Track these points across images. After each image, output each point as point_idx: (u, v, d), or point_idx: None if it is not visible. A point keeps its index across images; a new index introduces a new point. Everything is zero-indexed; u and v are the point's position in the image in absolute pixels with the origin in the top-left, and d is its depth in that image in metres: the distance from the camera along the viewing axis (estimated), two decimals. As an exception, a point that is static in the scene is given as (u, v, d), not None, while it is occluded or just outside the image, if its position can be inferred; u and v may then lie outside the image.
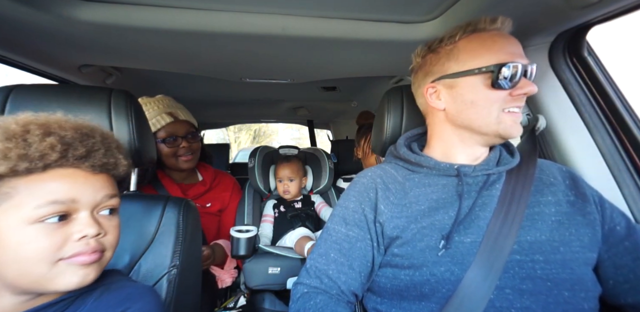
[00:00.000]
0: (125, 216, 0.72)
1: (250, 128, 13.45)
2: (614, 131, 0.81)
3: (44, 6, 0.73)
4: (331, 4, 0.78)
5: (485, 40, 0.61)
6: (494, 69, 0.57)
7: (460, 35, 0.63)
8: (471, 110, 0.61)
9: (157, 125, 1.17)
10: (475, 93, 0.60)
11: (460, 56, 0.62)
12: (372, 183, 0.69)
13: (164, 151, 1.19)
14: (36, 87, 0.73)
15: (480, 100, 0.60)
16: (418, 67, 0.72)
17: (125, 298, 0.50)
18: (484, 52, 0.59)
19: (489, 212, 0.61)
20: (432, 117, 0.70)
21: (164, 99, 1.26)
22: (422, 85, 0.69)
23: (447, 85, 0.64)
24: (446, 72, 0.64)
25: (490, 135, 0.62)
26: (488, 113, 0.60)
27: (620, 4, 0.65)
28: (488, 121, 0.60)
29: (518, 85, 0.58)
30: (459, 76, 0.62)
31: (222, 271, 1.21)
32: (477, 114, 0.61)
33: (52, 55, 1.00)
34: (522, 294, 0.55)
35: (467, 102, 0.61)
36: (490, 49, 0.59)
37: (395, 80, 1.56)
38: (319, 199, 1.56)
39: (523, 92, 0.58)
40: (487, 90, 0.59)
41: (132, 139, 0.74)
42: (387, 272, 0.62)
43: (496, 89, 0.59)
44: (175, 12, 0.79)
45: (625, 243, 0.61)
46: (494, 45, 0.60)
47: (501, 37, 0.61)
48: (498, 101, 0.59)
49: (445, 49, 0.64)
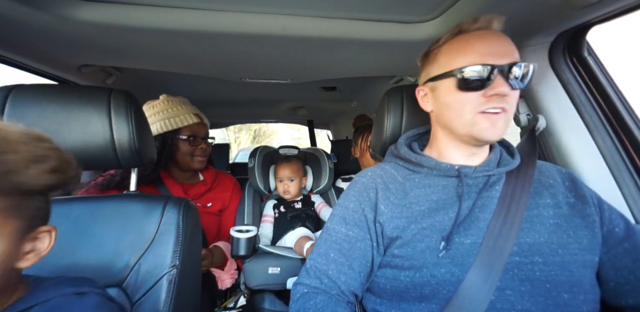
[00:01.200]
0: (125, 216, 0.72)
1: (250, 128, 13.46)
2: (614, 131, 0.81)
3: (44, 6, 0.73)
4: (331, 4, 0.78)
5: (462, 43, 0.61)
6: (455, 73, 0.59)
7: (445, 39, 0.64)
8: (447, 112, 0.63)
9: (185, 122, 1.21)
10: (449, 95, 0.62)
11: (440, 60, 0.64)
12: (372, 183, 0.69)
13: (183, 149, 1.23)
14: (36, 87, 0.73)
15: (453, 102, 0.61)
16: (420, 70, 0.74)
17: None
18: (459, 54, 0.60)
19: (488, 214, 0.61)
20: (429, 118, 0.73)
21: (187, 101, 1.31)
22: (418, 89, 0.73)
23: (431, 88, 0.67)
24: (429, 75, 0.66)
25: (465, 137, 0.62)
26: (461, 115, 0.61)
27: (620, 4, 0.65)
28: (462, 123, 0.61)
29: (491, 86, 0.57)
30: (436, 80, 0.64)
31: (222, 272, 1.21)
32: (452, 116, 0.62)
33: (52, 55, 1.00)
34: (522, 295, 0.55)
35: (444, 104, 0.63)
36: (464, 52, 0.60)
37: (395, 80, 1.56)
38: (319, 199, 1.56)
39: (493, 92, 0.57)
40: (459, 93, 0.60)
41: (132, 139, 0.74)
42: (387, 273, 0.62)
43: (465, 91, 0.59)
44: (175, 12, 0.79)
45: (624, 245, 0.61)
46: (467, 47, 0.60)
47: (479, 37, 0.60)
48: (471, 103, 0.59)
49: (433, 53, 0.67)
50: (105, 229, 0.71)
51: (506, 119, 0.59)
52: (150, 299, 0.66)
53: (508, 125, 0.61)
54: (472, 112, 0.59)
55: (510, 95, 0.58)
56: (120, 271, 0.67)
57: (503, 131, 0.60)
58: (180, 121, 1.21)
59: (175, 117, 1.21)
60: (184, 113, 1.23)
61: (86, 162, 0.73)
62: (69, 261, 0.66)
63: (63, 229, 0.69)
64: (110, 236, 0.70)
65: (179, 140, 1.22)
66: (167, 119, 1.21)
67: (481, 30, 0.61)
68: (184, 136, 1.22)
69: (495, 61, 0.57)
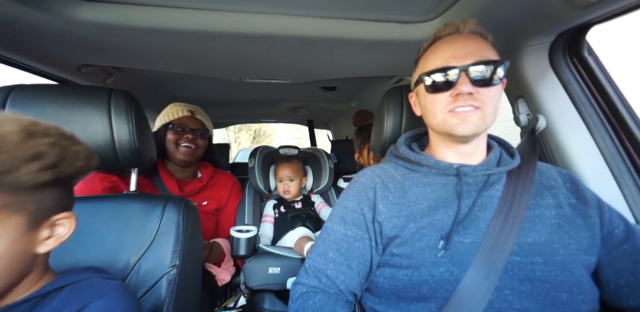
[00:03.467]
0: (125, 216, 0.73)
1: (250, 128, 13.46)
2: (614, 131, 0.81)
3: (44, 6, 0.73)
4: (331, 4, 0.78)
5: (433, 49, 0.66)
6: (422, 77, 0.64)
7: (425, 47, 0.69)
8: (426, 113, 0.68)
9: (175, 115, 1.27)
10: (424, 98, 0.67)
11: (419, 66, 0.70)
12: (370, 182, 0.69)
13: (168, 137, 1.27)
14: (36, 87, 0.73)
15: (427, 104, 0.66)
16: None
17: (88, 297, 0.49)
18: (429, 60, 0.65)
19: (489, 213, 0.61)
20: None
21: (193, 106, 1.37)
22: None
23: (416, 93, 0.72)
24: (413, 81, 0.72)
25: (443, 135, 0.66)
26: (434, 115, 0.64)
27: (620, 4, 0.65)
28: (436, 122, 0.64)
29: (455, 86, 0.60)
30: (416, 85, 0.70)
31: (220, 270, 1.21)
32: (428, 117, 0.67)
33: (52, 55, 1.00)
34: (521, 295, 0.55)
35: (423, 107, 0.69)
36: (434, 57, 0.65)
37: (395, 80, 1.56)
38: (319, 199, 1.56)
39: (457, 92, 0.60)
40: (429, 95, 0.65)
41: (132, 139, 0.74)
42: (386, 272, 0.62)
43: (434, 93, 0.63)
44: (176, 12, 0.79)
45: (624, 246, 0.61)
46: (435, 52, 0.65)
47: (445, 42, 0.64)
48: (440, 104, 0.63)
49: (418, 60, 0.71)
50: (106, 229, 0.71)
51: (481, 114, 0.60)
52: (151, 299, 0.66)
53: (486, 121, 0.61)
54: (442, 112, 0.63)
55: (480, 92, 0.59)
56: (121, 270, 0.67)
57: (477, 125, 0.60)
58: (172, 115, 1.28)
59: (169, 112, 1.29)
60: (177, 109, 1.30)
61: None
62: (69, 261, 0.66)
63: (63, 229, 0.70)
64: (110, 235, 0.70)
65: (167, 130, 1.27)
66: (162, 116, 1.29)
67: (450, 35, 0.65)
68: (171, 125, 1.27)
69: (457, 63, 0.60)
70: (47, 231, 0.46)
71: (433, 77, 0.62)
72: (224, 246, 1.25)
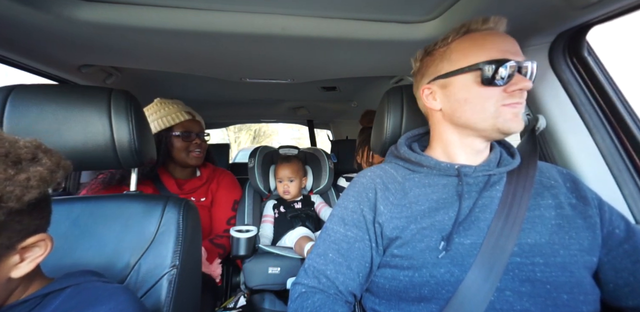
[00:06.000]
0: (125, 216, 0.73)
1: (250, 128, 13.45)
2: (614, 131, 0.81)
3: (44, 6, 0.72)
4: (331, 4, 0.78)
5: (476, 40, 0.61)
6: (481, 67, 0.58)
7: (453, 37, 0.64)
8: (465, 107, 0.62)
9: (177, 120, 1.27)
10: (467, 91, 0.61)
11: (452, 56, 0.63)
12: (371, 183, 0.69)
13: (177, 145, 1.27)
14: (36, 87, 0.73)
15: (472, 98, 0.61)
16: (417, 70, 0.73)
17: (94, 299, 0.48)
18: (475, 50, 0.60)
19: (489, 214, 0.61)
20: (431, 118, 0.71)
21: (180, 101, 1.37)
22: (419, 88, 0.71)
23: (441, 86, 0.66)
24: (439, 72, 0.65)
25: (488, 130, 0.62)
26: (482, 109, 0.60)
27: (620, 4, 0.65)
28: (484, 116, 0.61)
29: (512, 81, 0.58)
30: (450, 76, 0.63)
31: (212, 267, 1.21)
32: (472, 111, 0.62)
33: (52, 55, 1.00)
34: (522, 296, 0.55)
35: (461, 100, 0.62)
36: (482, 47, 0.60)
37: (395, 80, 1.56)
38: (319, 199, 1.56)
39: (517, 88, 0.58)
40: (479, 88, 0.60)
41: (132, 139, 0.74)
42: (386, 272, 0.62)
43: (487, 86, 0.59)
44: (175, 12, 0.79)
45: (624, 246, 0.61)
46: (485, 43, 0.60)
47: (493, 35, 0.61)
48: (492, 98, 0.59)
49: (439, 51, 0.66)
50: (106, 229, 0.71)
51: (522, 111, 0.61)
52: (151, 299, 0.66)
53: None
54: (495, 106, 0.59)
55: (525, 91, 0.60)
56: (121, 270, 0.67)
57: (523, 124, 0.61)
58: (172, 119, 1.27)
59: (167, 116, 1.27)
60: (175, 111, 1.29)
61: (86, 162, 0.73)
62: (69, 261, 0.66)
63: (63, 229, 0.70)
64: (110, 235, 0.70)
65: (173, 137, 1.27)
66: (160, 119, 1.27)
67: (490, 30, 0.62)
68: (177, 133, 1.27)
69: (514, 57, 0.58)
70: (16, 256, 0.43)
71: (491, 68, 0.57)
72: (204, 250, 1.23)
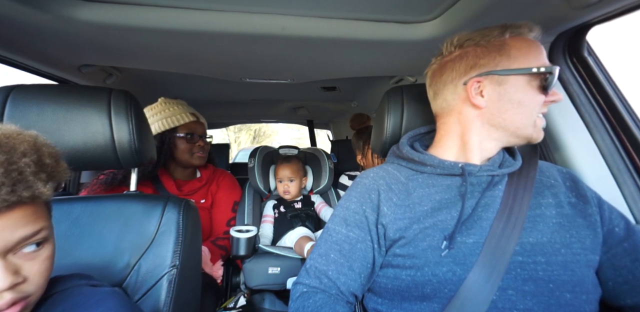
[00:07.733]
0: (125, 216, 0.72)
1: (250, 128, 13.46)
2: (614, 131, 0.81)
3: (44, 6, 0.72)
4: (331, 4, 0.78)
5: (531, 44, 0.60)
6: (545, 71, 0.57)
7: (508, 34, 0.61)
8: (517, 110, 0.60)
9: (181, 121, 1.27)
10: (524, 93, 0.59)
11: (512, 53, 0.59)
12: (374, 184, 0.68)
13: (181, 147, 1.27)
14: (36, 87, 0.73)
15: (527, 101, 0.59)
16: (453, 58, 0.65)
17: (80, 306, 0.45)
18: (535, 53, 0.59)
19: (491, 213, 0.61)
20: (455, 115, 0.66)
21: (184, 103, 1.37)
22: (460, 79, 0.64)
23: (496, 82, 0.60)
24: (496, 67, 0.60)
25: (521, 138, 0.62)
26: (530, 115, 0.60)
27: (620, 4, 0.65)
28: (527, 123, 0.60)
29: (552, 92, 0.60)
30: (511, 73, 0.59)
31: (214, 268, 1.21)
32: (522, 115, 0.60)
33: (52, 55, 1.00)
34: (525, 295, 0.55)
35: (515, 101, 0.59)
36: (536, 53, 0.60)
37: (395, 80, 1.56)
38: (319, 199, 1.56)
39: (553, 99, 0.60)
40: (535, 93, 0.59)
41: (132, 139, 0.74)
42: (389, 272, 0.62)
43: (541, 93, 0.59)
44: (175, 12, 0.79)
45: (624, 244, 0.61)
46: (539, 49, 0.60)
47: (535, 43, 0.62)
48: (539, 105, 0.60)
49: (494, 44, 0.61)
50: (106, 229, 0.71)
51: None
52: (151, 299, 0.66)
53: None
54: (536, 114, 0.60)
55: None
56: (121, 270, 0.67)
57: None
58: (177, 120, 1.26)
59: (172, 116, 1.27)
60: (180, 112, 1.29)
61: (86, 162, 0.73)
62: (69, 261, 0.66)
63: (63, 229, 0.69)
64: (110, 235, 0.70)
65: (176, 138, 1.26)
66: (164, 119, 1.26)
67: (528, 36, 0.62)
68: (181, 134, 1.26)
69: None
70: None
71: (552, 76, 0.57)
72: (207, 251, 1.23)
